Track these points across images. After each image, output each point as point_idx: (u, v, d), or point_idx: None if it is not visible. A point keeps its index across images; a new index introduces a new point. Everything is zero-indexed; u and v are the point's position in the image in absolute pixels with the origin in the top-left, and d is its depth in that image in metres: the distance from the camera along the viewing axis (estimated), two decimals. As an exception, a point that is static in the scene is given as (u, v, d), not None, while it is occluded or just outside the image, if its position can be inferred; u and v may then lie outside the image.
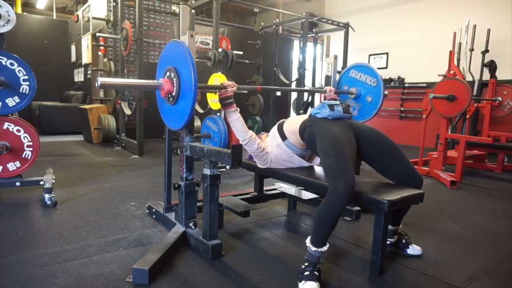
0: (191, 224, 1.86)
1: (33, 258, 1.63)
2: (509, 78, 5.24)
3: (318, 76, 6.39)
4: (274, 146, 1.90)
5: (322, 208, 1.44)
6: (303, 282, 1.42)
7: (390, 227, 1.83)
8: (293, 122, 1.88)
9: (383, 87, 2.22)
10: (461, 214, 2.56)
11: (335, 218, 1.42)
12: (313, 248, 1.47)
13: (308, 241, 1.50)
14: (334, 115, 1.69)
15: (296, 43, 7.34)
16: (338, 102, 1.73)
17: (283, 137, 1.87)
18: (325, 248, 1.47)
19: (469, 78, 4.91)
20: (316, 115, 1.73)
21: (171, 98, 1.58)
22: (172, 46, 1.65)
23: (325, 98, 2.24)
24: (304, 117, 1.86)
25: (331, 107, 1.70)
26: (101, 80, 1.41)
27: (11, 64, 2.27)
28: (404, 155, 1.71)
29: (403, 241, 1.84)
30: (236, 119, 1.77)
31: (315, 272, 1.44)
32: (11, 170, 2.40)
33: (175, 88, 1.55)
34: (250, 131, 1.82)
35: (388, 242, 1.83)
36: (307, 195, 2.33)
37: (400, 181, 1.67)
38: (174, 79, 1.55)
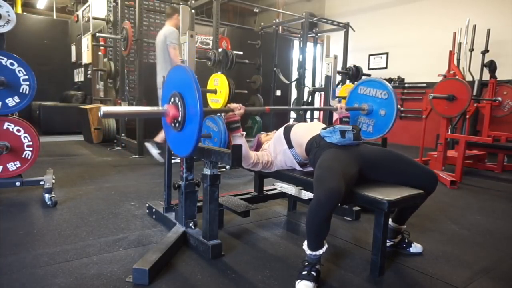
0: (191, 224, 1.86)
1: (33, 258, 1.63)
2: (509, 78, 5.24)
3: (318, 76, 6.40)
4: (279, 152, 1.88)
5: (308, 215, 1.44)
6: (298, 281, 1.44)
7: (394, 225, 1.84)
8: (301, 134, 1.83)
9: (396, 97, 2.15)
10: (461, 214, 2.56)
11: (321, 223, 1.41)
12: (309, 252, 1.48)
13: (304, 245, 1.50)
14: (344, 142, 1.67)
15: (296, 43, 7.33)
16: (350, 128, 1.69)
17: (290, 144, 1.85)
18: (321, 251, 1.47)
19: (469, 78, 4.91)
20: (325, 138, 1.70)
21: (177, 124, 1.54)
22: (176, 71, 1.61)
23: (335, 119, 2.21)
24: (313, 129, 1.82)
25: (343, 133, 1.67)
26: (104, 109, 1.37)
27: (11, 64, 2.27)
28: (413, 160, 1.72)
29: (406, 240, 1.84)
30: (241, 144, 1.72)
31: (312, 272, 1.45)
32: (11, 170, 2.40)
33: (180, 114, 1.51)
34: (252, 155, 1.82)
35: (390, 243, 1.84)
36: (307, 195, 2.33)
37: (416, 182, 1.65)
38: (179, 104, 1.51)
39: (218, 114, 3.45)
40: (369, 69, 7.08)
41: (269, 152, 1.93)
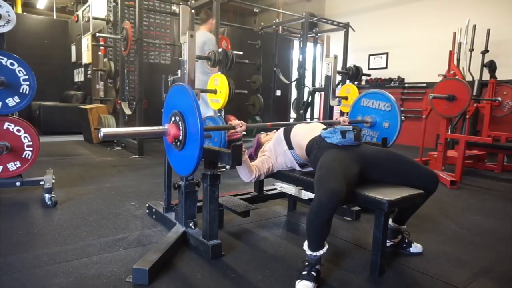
0: (191, 224, 1.86)
1: (33, 258, 1.63)
2: (509, 78, 5.24)
3: (318, 76, 6.40)
4: (279, 154, 1.88)
5: (308, 217, 1.43)
6: (298, 281, 1.44)
7: (394, 226, 1.84)
8: (302, 135, 1.83)
9: (399, 110, 2.14)
10: (461, 214, 2.56)
11: (322, 225, 1.41)
12: (310, 252, 1.48)
13: (305, 246, 1.50)
14: (344, 143, 1.67)
15: (296, 43, 7.34)
16: (350, 128, 1.70)
17: (290, 146, 1.85)
18: (321, 252, 1.47)
19: (469, 78, 4.91)
20: (326, 139, 1.70)
21: (178, 143, 1.54)
22: (176, 90, 1.61)
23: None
24: (313, 130, 1.82)
25: (343, 134, 1.67)
26: (104, 131, 1.37)
27: (11, 64, 2.27)
28: (414, 160, 1.72)
29: (406, 240, 1.84)
30: (242, 161, 1.70)
31: (312, 273, 1.45)
32: (11, 170, 2.40)
33: (181, 133, 1.51)
34: (254, 169, 1.82)
35: (391, 243, 1.84)
36: (307, 195, 2.33)
37: (417, 183, 1.64)
38: (180, 123, 1.52)
39: (218, 114, 3.45)
40: (369, 69, 7.08)
41: (269, 156, 1.93)
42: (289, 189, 2.51)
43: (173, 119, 1.56)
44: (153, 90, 4.20)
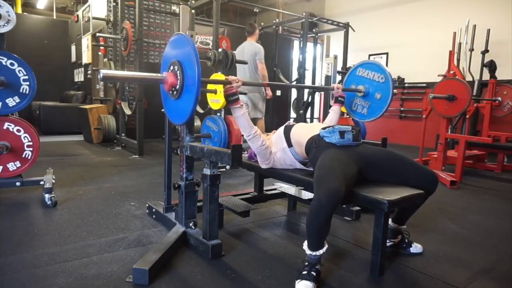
0: (191, 224, 1.86)
1: (33, 258, 1.63)
2: (509, 78, 5.24)
3: (318, 76, 6.40)
4: (279, 149, 1.89)
5: (308, 216, 1.43)
6: (298, 281, 1.44)
7: (394, 226, 1.84)
8: (301, 133, 1.84)
9: (392, 82, 2.16)
10: (461, 214, 2.56)
11: (322, 224, 1.41)
12: (310, 252, 1.48)
13: (305, 246, 1.50)
14: (343, 143, 1.67)
15: (296, 43, 7.33)
16: (349, 128, 1.70)
17: (289, 143, 1.86)
18: (321, 251, 1.47)
19: (469, 78, 4.91)
20: (325, 138, 1.71)
21: (174, 92, 1.57)
22: (176, 40, 1.64)
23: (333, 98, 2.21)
24: (313, 129, 1.83)
25: (342, 134, 1.67)
26: (103, 72, 1.40)
27: (11, 64, 2.27)
28: (413, 160, 1.73)
29: (406, 240, 1.84)
30: (241, 115, 1.77)
31: (312, 272, 1.45)
32: (11, 170, 2.40)
33: (178, 82, 1.53)
34: (255, 127, 1.82)
35: (390, 243, 1.84)
36: (307, 195, 2.33)
37: (416, 183, 1.65)
38: (178, 72, 1.54)
39: (218, 114, 3.46)
40: (369, 69, 7.08)
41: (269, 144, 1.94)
42: (289, 189, 2.51)
43: (171, 68, 1.57)
44: (153, 90, 4.19)
